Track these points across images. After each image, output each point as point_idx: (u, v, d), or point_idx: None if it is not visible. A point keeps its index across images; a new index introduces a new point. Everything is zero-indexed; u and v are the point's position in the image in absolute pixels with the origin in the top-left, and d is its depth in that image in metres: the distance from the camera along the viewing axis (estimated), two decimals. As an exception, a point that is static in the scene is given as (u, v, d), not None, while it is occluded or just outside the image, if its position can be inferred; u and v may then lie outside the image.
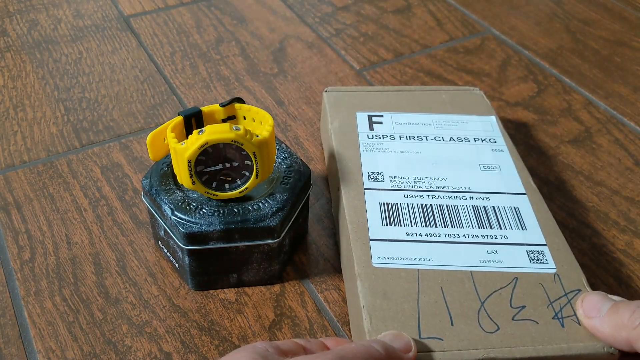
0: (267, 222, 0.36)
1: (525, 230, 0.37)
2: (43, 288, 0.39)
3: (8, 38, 0.60)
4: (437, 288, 0.33)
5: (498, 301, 0.33)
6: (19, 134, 0.50)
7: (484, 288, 0.33)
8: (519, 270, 0.35)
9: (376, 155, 0.42)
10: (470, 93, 0.48)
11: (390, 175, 0.40)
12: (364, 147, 0.42)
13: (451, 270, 0.34)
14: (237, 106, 0.39)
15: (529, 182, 0.40)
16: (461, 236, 0.36)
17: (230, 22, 0.64)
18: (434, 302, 0.33)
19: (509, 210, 0.38)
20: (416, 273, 0.34)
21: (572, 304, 0.33)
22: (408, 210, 0.38)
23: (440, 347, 0.31)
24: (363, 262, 0.35)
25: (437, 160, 0.41)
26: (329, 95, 0.47)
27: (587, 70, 0.59)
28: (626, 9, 0.69)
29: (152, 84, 0.55)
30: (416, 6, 0.68)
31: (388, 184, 0.40)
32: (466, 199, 0.39)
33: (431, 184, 0.40)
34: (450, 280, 0.34)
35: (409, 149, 0.42)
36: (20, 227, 0.42)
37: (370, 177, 0.40)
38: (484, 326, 0.32)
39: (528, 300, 0.33)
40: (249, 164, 0.35)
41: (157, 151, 0.38)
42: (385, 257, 0.35)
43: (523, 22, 0.66)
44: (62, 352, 0.35)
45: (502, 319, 0.32)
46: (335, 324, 0.37)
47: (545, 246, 0.36)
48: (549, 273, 0.34)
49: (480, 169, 0.41)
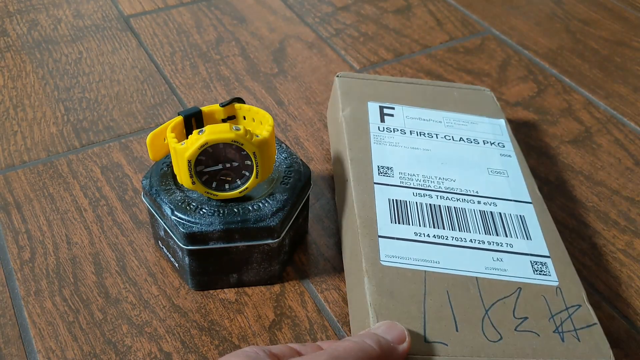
0: (267, 222, 0.36)
1: (530, 240, 0.37)
2: (43, 288, 0.39)
3: (8, 38, 0.60)
4: (443, 292, 0.33)
5: (502, 310, 0.33)
6: (19, 134, 0.50)
7: (489, 295, 0.33)
8: (522, 280, 0.34)
9: (386, 149, 0.41)
10: (481, 93, 0.48)
11: (400, 171, 0.40)
12: (374, 139, 0.42)
13: (457, 274, 0.34)
14: (237, 106, 0.39)
15: (535, 191, 0.40)
16: (468, 240, 0.36)
17: (230, 22, 0.64)
18: (439, 305, 0.33)
19: (515, 218, 0.38)
20: (423, 274, 0.34)
21: (572, 319, 0.33)
22: (417, 209, 0.38)
23: (445, 352, 0.31)
24: (371, 259, 0.34)
25: (446, 160, 0.41)
26: (342, 80, 0.47)
27: (587, 70, 0.59)
28: (626, 9, 0.69)
29: (152, 84, 0.55)
30: (416, 6, 0.68)
31: (398, 180, 0.39)
32: (474, 202, 0.39)
33: (440, 184, 0.40)
34: (456, 285, 0.34)
35: (419, 145, 0.42)
36: (20, 227, 0.42)
37: (380, 172, 0.40)
38: (488, 334, 0.32)
39: (530, 311, 0.33)
40: (249, 164, 0.35)
41: (157, 151, 0.38)
42: (393, 256, 0.35)
43: (523, 22, 0.66)
44: (62, 352, 0.35)
45: (505, 328, 0.32)
46: (335, 324, 0.37)
47: (548, 258, 0.36)
48: (552, 286, 0.34)
49: (488, 173, 0.41)
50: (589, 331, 0.32)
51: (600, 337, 0.32)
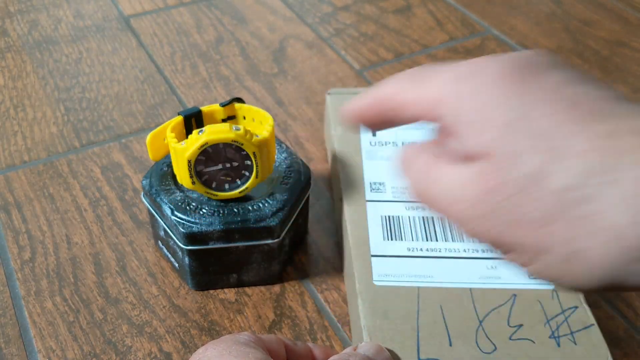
0: (267, 222, 0.36)
1: None
2: (43, 288, 0.39)
3: (8, 38, 0.60)
4: (436, 307, 0.33)
5: (496, 319, 0.33)
6: (19, 134, 0.50)
7: (483, 306, 0.33)
8: (517, 287, 0.34)
9: (378, 164, 0.42)
10: None
11: (392, 185, 0.40)
12: (366, 155, 0.42)
13: (451, 287, 0.34)
14: (237, 106, 0.39)
15: None
16: (461, 251, 0.36)
17: (230, 22, 0.64)
18: (433, 322, 0.33)
19: None
20: (416, 291, 0.34)
21: (568, 322, 0.33)
22: (409, 224, 0.38)
23: None
24: (364, 280, 0.35)
25: None
26: (332, 98, 0.47)
27: (587, 71, 0.59)
28: (626, 9, 0.69)
29: (152, 84, 0.55)
30: (416, 6, 0.68)
31: (390, 195, 0.39)
32: None
33: None
34: (449, 298, 0.34)
35: None
36: (21, 227, 0.42)
37: (372, 188, 0.40)
38: (482, 347, 0.32)
39: (525, 318, 0.33)
40: (249, 164, 0.35)
41: (157, 151, 0.38)
42: (386, 275, 0.35)
43: (523, 22, 0.66)
44: (62, 352, 0.35)
45: (499, 338, 0.32)
46: (335, 324, 0.37)
47: None
48: (547, 289, 0.34)
49: None
50: (586, 333, 0.32)
51: (598, 338, 0.32)
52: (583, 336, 0.32)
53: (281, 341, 0.29)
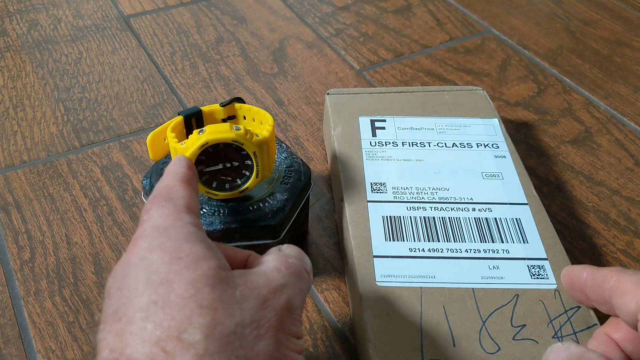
0: (267, 221, 0.36)
1: (526, 243, 0.37)
2: (43, 288, 0.39)
3: (8, 38, 0.60)
4: (439, 307, 0.33)
5: (499, 320, 0.33)
6: (19, 134, 0.50)
7: (486, 306, 0.33)
8: (520, 286, 0.34)
9: (379, 164, 0.42)
10: (473, 93, 0.48)
11: (393, 185, 0.40)
12: (367, 155, 0.42)
13: (453, 287, 0.34)
14: (237, 106, 0.39)
15: (531, 190, 0.40)
16: (463, 251, 0.36)
17: (230, 22, 0.64)
18: (436, 322, 0.32)
19: (511, 222, 0.38)
20: (419, 291, 0.34)
21: (571, 322, 0.33)
22: (411, 224, 0.38)
23: None
24: (367, 281, 0.34)
25: (439, 169, 0.41)
26: (332, 98, 0.47)
27: (587, 70, 0.59)
28: (626, 9, 0.69)
29: (152, 84, 0.55)
30: (416, 6, 0.68)
31: (391, 196, 0.39)
32: (468, 210, 0.38)
33: (434, 194, 0.39)
34: (452, 299, 0.34)
35: (412, 156, 0.42)
36: (20, 227, 0.42)
37: (373, 189, 0.40)
38: (485, 347, 0.31)
39: (528, 318, 0.33)
40: (249, 163, 0.35)
41: (157, 151, 0.38)
42: (388, 275, 0.35)
43: (523, 22, 0.66)
44: (62, 352, 0.35)
45: (503, 338, 0.32)
46: (335, 324, 0.37)
47: (546, 260, 0.36)
48: (550, 289, 0.34)
49: (482, 177, 0.41)
50: (588, 333, 0.32)
51: None
52: (586, 336, 0.32)
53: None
